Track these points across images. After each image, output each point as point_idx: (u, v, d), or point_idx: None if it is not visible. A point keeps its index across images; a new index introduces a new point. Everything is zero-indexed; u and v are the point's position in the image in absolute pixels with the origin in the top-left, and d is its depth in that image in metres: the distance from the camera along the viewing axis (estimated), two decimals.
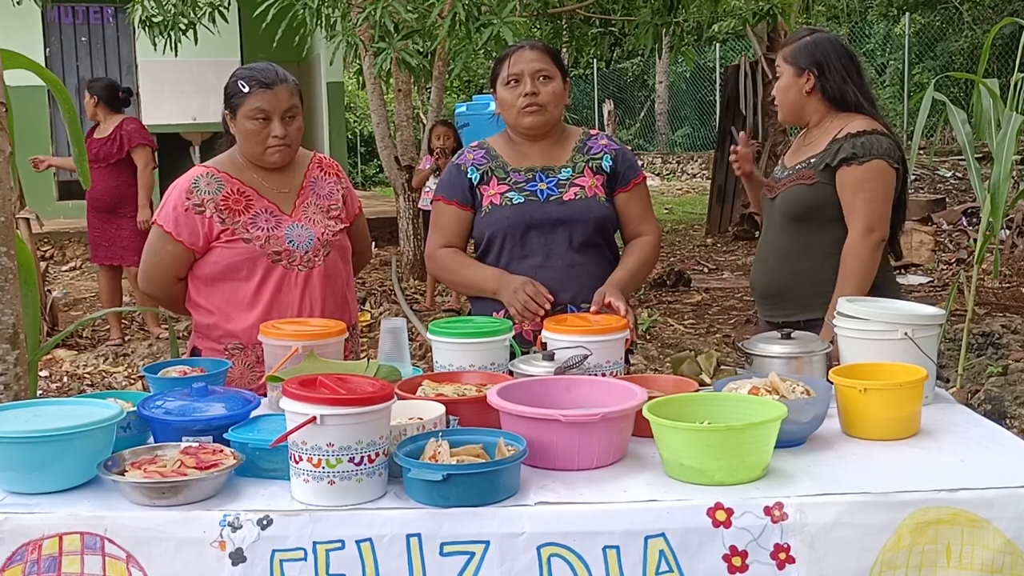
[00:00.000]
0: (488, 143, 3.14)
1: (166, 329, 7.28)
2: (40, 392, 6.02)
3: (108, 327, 7.44)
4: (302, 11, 6.56)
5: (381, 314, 8.14)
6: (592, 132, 3.17)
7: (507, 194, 3.01)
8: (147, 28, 8.31)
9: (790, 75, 3.20)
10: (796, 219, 3.16)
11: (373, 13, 5.99)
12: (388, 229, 10.61)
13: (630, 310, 2.79)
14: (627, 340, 2.65)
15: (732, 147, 3.30)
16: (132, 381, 6.40)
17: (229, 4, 8.58)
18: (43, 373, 6.50)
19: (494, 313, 2.94)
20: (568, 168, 3.04)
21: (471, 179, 3.05)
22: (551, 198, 3.00)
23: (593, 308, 2.80)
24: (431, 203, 3.28)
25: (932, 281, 8.90)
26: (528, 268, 2.97)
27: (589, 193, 3.01)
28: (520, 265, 2.99)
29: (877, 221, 3.05)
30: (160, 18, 8.23)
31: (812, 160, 3.13)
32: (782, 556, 1.86)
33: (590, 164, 3.06)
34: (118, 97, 7.30)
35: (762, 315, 3.36)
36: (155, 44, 8.36)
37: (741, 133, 3.38)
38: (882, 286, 3.06)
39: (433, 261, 3.12)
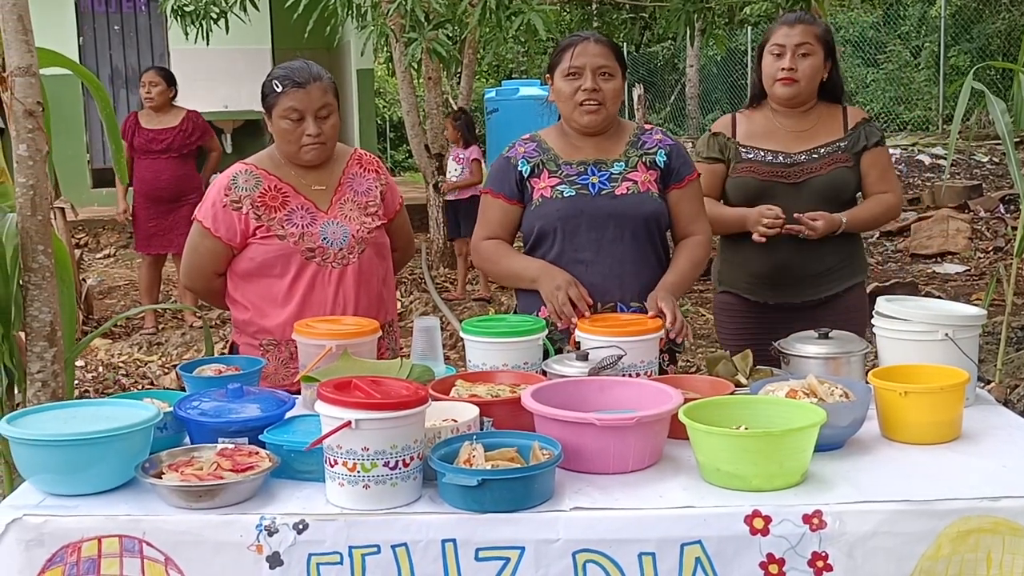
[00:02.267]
0: (540, 136, 3.07)
1: (199, 318, 7.33)
2: (76, 382, 6.08)
3: (142, 315, 7.50)
4: (333, 1, 6.56)
5: (411, 302, 8.16)
6: (647, 127, 3.10)
7: (558, 187, 2.95)
8: (179, 17, 8.33)
9: (821, 58, 3.28)
10: (835, 199, 3.27)
11: (404, 3, 5.97)
12: (418, 216, 10.59)
13: (681, 317, 2.75)
14: (664, 339, 2.64)
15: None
16: (166, 371, 6.45)
17: None
18: (78, 363, 6.56)
19: (539, 311, 2.90)
20: (621, 162, 2.98)
21: (521, 171, 2.99)
22: (603, 192, 2.94)
23: (651, 314, 2.73)
24: (480, 195, 3.21)
25: (969, 270, 8.79)
26: (579, 264, 2.91)
27: (642, 188, 2.95)
28: (571, 260, 2.92)
29: None
30: (192, 7, 8.25)
31: (842, 144, 3.28)
32: (820, 564, 1.85)
33: (644, 159, 2.99)
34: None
35: (781, 299, 3.31)
36: (187, 33, 8.38)
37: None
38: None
39: (476, 253, 3.08)
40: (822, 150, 3.29)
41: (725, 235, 3.44)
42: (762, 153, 3.31)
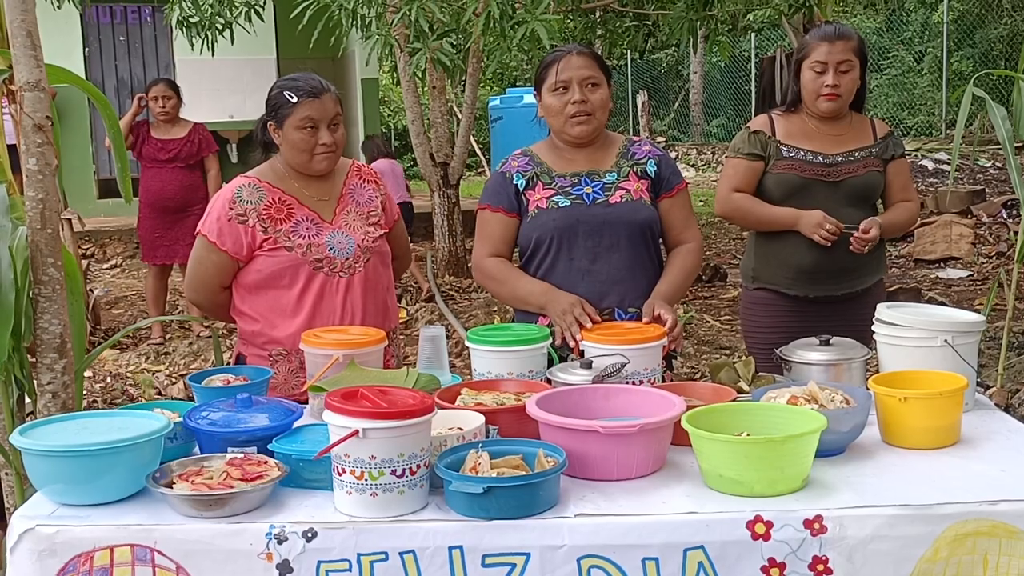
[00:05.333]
0: (532, 151, 3.13)
1: (207, 328, 7.36)
2: (84, 393, 6.11)
3: (150, 326, 7.53)
4: (338, 12, 6.59)
5: (417, 311, 8.18)
6: (635, 139, 3.18)
7: (553, 198, 3.01)
8: (184, 28, 8.37)
9: (858, 70, 3.44)
10: (867, 199, 3.49)
11: (408, 13, 6.00)
12: (423, 224, 10.65)
13: (679, 324, 2.81)
14: (668, 346, 2.67)
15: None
16: (173, 380, 6.48)
17: (265, 3, 8.62)
18: (87, 373, 6.58)
19: (537, 320, 2.96)
20: (613, 172, 3.05)
21: (517, 185, 3.05)
22: (597, 201, 3.00)
23: (645, 320, 2.81)
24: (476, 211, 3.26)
25: (972, 275, 8.81)
26: (575, 272, 2.97)
27: (635, 196, 3.02)
28: (568, 268, 2.98)
29: None
30: (197, 18, 8.29)
31: (873, 150, 3.49)
32: (820, 568, 1.87)
33: (635, 168, 3.06)
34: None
35: (822, 292, 3.46)
36: (192, 44, 8.43)
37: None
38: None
39: (480, 271, 3.12)
40: (856, 153, 3.48)
41: (762, 232, 3.56)
42: (802, 152, 3.46)
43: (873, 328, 2.59)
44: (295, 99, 2.93)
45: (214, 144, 7.47)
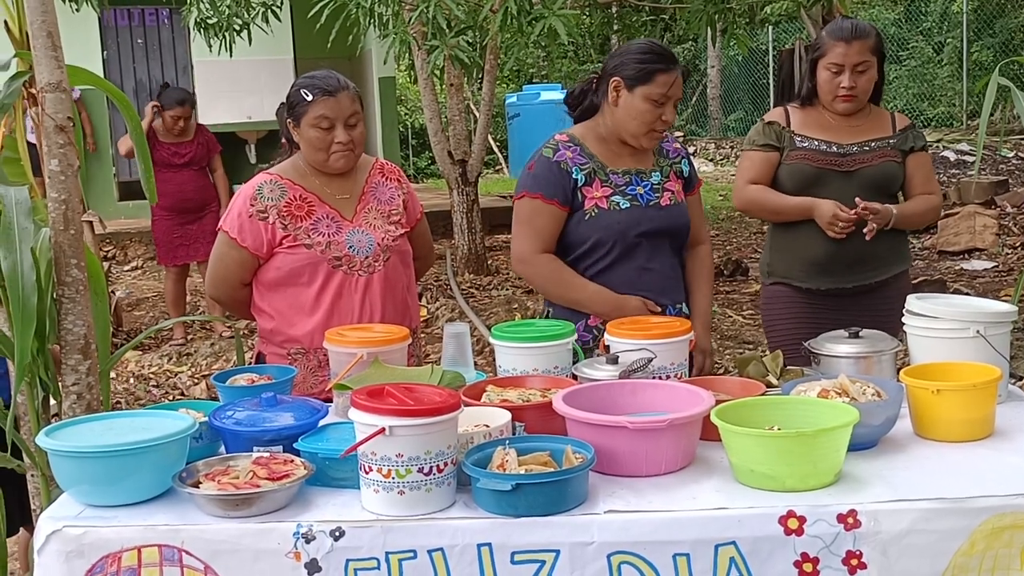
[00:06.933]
0: (578, 138, 3.03)
1: (229, 328, 7.38)
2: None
3: (171, 327, 7.56)
4: (355, 11, 6.58)
5: (438, 309, 8.17)
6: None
7: (612, 198, 2.97)
8: (202, 30, 8.39)
9: (875, 68, 3.41)
10: (883, 190, 3.41)
11: (426, 11, 5.99)
12: (442, 223, 10.63)
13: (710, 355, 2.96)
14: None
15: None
16: (196, 381, 6.49)
17: (281, 3, 8.63)
18: (110, 375, 6.60)
19: (589, 319, 3.00)
20: (656, 172, 3.06)
21: (576, 179, 2.97)
22: (651, 203, 3.01)
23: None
24: (517, 199, 3.07)
25: (997, 266, 8.73)
26: (634, 272, 2.98)
27: (679, 198, 3.07)
28: (627, 269, 2.98)
29: None
30: (215, 19, 8.31)
31: (891, 141, 3.43)
32: (854, 562, 1.85)
33: (673, 168, 3.10)
34: None
35: (833, 285, 3.42)
36: (210, 45, 8.45)
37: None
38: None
39: (530, 267, 3.03)
40: (872, 144, 3.43)
41: (777, 224, 3.55)
42: (816, 142, 3.43)
43: (903, 320, 2.56)
44: (310, 97, 2.92)
45: (218, 144, 7.60)
